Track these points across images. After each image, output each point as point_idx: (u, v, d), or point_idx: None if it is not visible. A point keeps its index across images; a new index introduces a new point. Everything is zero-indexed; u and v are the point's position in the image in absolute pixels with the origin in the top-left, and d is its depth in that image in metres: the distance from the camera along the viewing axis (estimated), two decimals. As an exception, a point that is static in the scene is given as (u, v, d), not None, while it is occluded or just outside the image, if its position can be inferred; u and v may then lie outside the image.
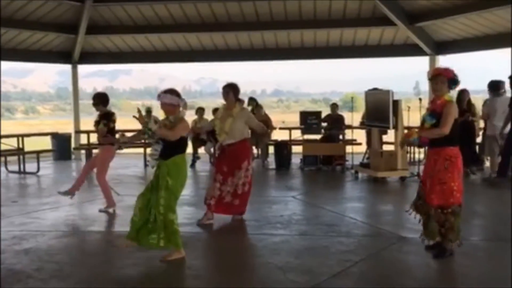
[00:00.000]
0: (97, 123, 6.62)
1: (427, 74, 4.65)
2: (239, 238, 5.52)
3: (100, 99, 6.60)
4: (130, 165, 10.96)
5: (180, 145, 4.51)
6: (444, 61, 12.11)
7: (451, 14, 10.27)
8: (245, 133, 6.02)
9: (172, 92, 4.54)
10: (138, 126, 4.57)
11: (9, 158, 10.75)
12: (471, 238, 5.18)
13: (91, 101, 6.70)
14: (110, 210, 6.65)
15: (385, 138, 10.06)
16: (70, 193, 6.78)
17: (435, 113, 4.40)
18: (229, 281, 4.17)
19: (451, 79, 4.41)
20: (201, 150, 11.22)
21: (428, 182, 4.45)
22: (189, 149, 11.02)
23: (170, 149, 4.47)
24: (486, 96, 9.04)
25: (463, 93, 8.44)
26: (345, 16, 11.48)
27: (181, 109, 4.56)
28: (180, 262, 4.53)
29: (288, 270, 4.25)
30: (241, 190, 5.90)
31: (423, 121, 4.56)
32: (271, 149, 11.39)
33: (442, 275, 4.28)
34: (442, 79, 4.39)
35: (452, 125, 4.32)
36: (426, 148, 4.70)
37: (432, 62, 11.89)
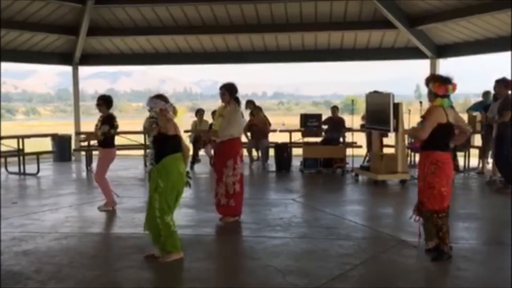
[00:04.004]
0: (97, 126, 6.67)
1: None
2: (238, 240, 5.51)
3: (105, 101, 6.67)
4: (130, 167, 10.95)
5: (168, 147, 4.54)
6: (445, 64, 12.14)
7: (452, 17, 10.27)
8: (234, 132, 5.96)
9: (159, 97, 4.61)
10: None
11: (9, 159, 10.75)
12: (470, 242, 5.17)
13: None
14: (109, 208, 6.69)
15: (385, 141, 10.04)
16: (109, 204, 6.77)
17: (424, 118, 4.49)
18: (228, 283, 4.16)
19: (443, 95, 4.42)
20: (202, 152, 11.21)
21: (420, 185, 4.53)
22: (190, 150, 11.08)
23: (160, 152, 4.55)
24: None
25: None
26: (346, 19, 11.48)
27: (170, 113, 4.61)
28: (179, 264, 4.52)
29: (288, 273, 4.24)
30: (233, 190, 5.94)
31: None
32: (271, 152, 11.38)
33: (441, 279, 4.27)
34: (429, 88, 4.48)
35: (436, 130, 4.35)
36: None
37: (433, 65, 11.89)
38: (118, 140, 7.80)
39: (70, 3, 11.01)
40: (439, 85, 4.44)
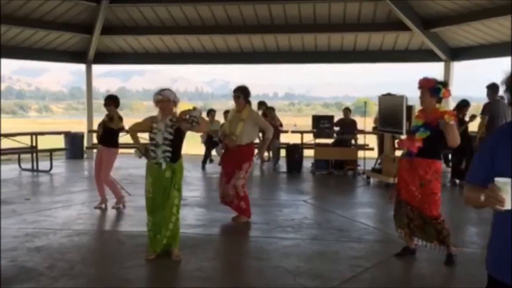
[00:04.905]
0: (105, 122, 6.74)
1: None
2: (249, 241, 5.51)
3: (114, 101, 6.73)
4: (141, 166, 10.96)
5: (181, 147, 4.69)
6: (459, 67, 12.03)
7: (467, 20, 10.17)
8: (254, 136, 6.10)
9: (169, 89, 4.65)
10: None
11: (22, 156, 10.86)
12: (483, 247, 5.11)
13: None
14: (120, 205, 6.78)
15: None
16: (120, 202, 6.83)
17: (429, 126, 4.36)
18: (238, 283, 4.16)
19: (431, 88, 4.37)
20: (214, 152, 11.23)
21: (418, 191, 4.42)
22: (202, 151, 11.11)
23: (177, 152, 4.61)
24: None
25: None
26: (359, 21, 11.43)
27: (175, 109, 4.64)
28: (190, 263, 4.53)
29: (299, 274, 4.22)
30: (243, 193, 5.96)
31: (413, 131, 4.48)
32: (282, 152, 11.37)
33: (452, 283, 4.23)
34: (423, 91, 4.40)
35: (440, 138, 4.31)
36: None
37: (447, 68, 11.80)
38: (129, 138, 7.85)
39: (85, 1, 11.09)
40: (447, 90, 4.42)
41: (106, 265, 4.53)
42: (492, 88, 8.00)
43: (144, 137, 5.57)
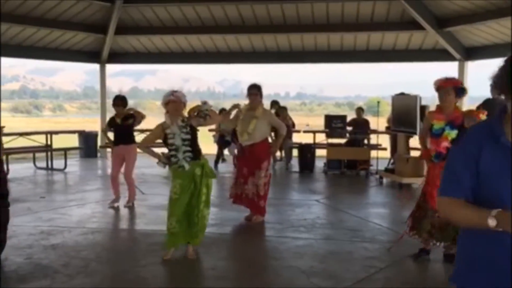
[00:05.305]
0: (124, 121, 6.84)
1: (434, 84, 4.44)
2: (262, 240, 5.51)
3: (123, 101, 6.85)
4: (154, 165, 11.03)
5: (198, 145, 4.74)
6: (473, 67, 11.92)
7: (482, 19, 10.06)
8: (267, 134, 6.10)
9: (180, 91, 4.68)
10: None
11: (37, 155, 10.98)
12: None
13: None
14: (131, 204, 6.90)
15: (411, 143, 9.91)
16: (131, 201, 6.95)
17: (454, 124, 4.31)
18: (252, 282, 4.16)
19: (457, 88, 4.34)
20: (226, 151, 11.26)
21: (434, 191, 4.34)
22: (214, 150, 11.14)
23: (196, 149, 4.63)
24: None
25: None
26: (373, 20, 11.38)
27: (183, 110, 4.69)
28: (204, 262, 4.55)
29: (312, 274, 4.22)
30: (263, 191, 5.94)
31: (437, 134, 4.37)
32: (294, 152, 11.35)
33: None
34: (448, 90, 4.33)
35: None
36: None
37: (461, 67, 11.69)
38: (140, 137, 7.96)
39: (100, 2, 11.18)
40: (453, 79, 4.45)
41: (121, 263, 4.56)
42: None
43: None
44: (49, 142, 10.84)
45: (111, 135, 7.07)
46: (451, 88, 4.32)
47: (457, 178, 1.64)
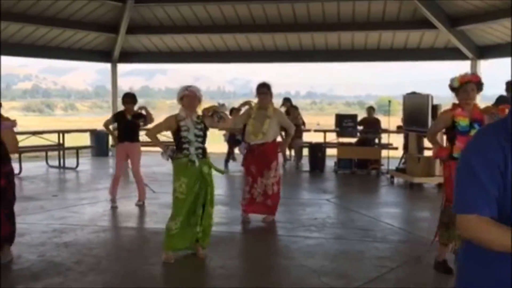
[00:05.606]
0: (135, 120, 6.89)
1: (453, 82, 4.22)
2: (273, 239, 5.52)
3: (132, 99, 6.90)
4: (164, 163, 11.08)
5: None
6: (486, 65, 11.79)
7: (495, 18, 9.96)
8: (277, 133, 6.11)
9: (195, 86, 4.68)
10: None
11: (49, 153, 11.08)
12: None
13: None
14: (141, 202, 6.95)
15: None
16: (142, 199, 6.99)
17: (477, 121, 4.18)
18: (262, 282, 4.16)
19: (479, 83, 4.23)
20: (236, 150, 11.26)
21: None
22: (224, 149, 11.16)
23: (205, 148, 4.64)
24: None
25: None
26: (384, 19, 11.32)
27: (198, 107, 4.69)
28: (213, 261, 4.56)
29: (323, 273, 4.21)
30: (271, 191, 5.92)
31: (465, 131, 4.15)
32: (305, 151, 11.33)
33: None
34: (472, 86, 4.18)
35: None
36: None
37: (474, 66, 11.58)
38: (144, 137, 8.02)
39: (111, 1, 11.25)
40: (474, 74, 4.39)
41: (131, 261, 4.59)
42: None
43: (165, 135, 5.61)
44: (61, 141, 10.93)
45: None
46: (474, 84, 4.19)
47: (484, 192, 1.40)
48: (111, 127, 7.14)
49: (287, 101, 11.45)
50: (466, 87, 4.17)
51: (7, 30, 10.84)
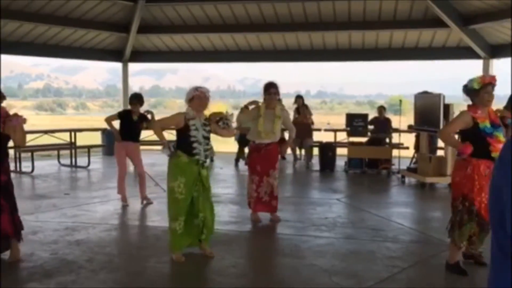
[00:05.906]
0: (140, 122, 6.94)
1: (473, 83, 4.10)
2: (283, 238, 5.51)
3: (139, 100, 6.91)
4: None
5: None
6: (499, 65, 11.69)
7: (507, 16, 9.85)
8: (280, 133, 6.15)
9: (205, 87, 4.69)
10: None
11: (61, 152, 11.18)
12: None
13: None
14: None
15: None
16: (145, 198, 7.03)
17: (495, 124, 4.10)
18: (273, 281, 4.17)
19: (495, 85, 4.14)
20: (246, 150, 11.27)
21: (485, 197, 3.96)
22: (235, 148, 11.18)
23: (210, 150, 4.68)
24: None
25: None
26: (395, 18, 11.25)
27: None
28: (225, 260, 4.57)
29: (334, 273, 4.21)
30: (276, 192, 5.96)
31: (490, 133, 4.04)
32: (315, 151, 11.31)
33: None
34: (494, 87, 4.11)
35: None
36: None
37: (486, 65, 11.47)
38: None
39: (122, 1, 11.31)
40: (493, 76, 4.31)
41: (142, 260, 4.61)
42: None
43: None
44: (73, 140, 11.01)
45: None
46: (494, 86, 4.11)
47: None
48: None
49: (299, 98, 11.46)
50: (487, 88, 4.08)
51: (20, 30, 10.95)
